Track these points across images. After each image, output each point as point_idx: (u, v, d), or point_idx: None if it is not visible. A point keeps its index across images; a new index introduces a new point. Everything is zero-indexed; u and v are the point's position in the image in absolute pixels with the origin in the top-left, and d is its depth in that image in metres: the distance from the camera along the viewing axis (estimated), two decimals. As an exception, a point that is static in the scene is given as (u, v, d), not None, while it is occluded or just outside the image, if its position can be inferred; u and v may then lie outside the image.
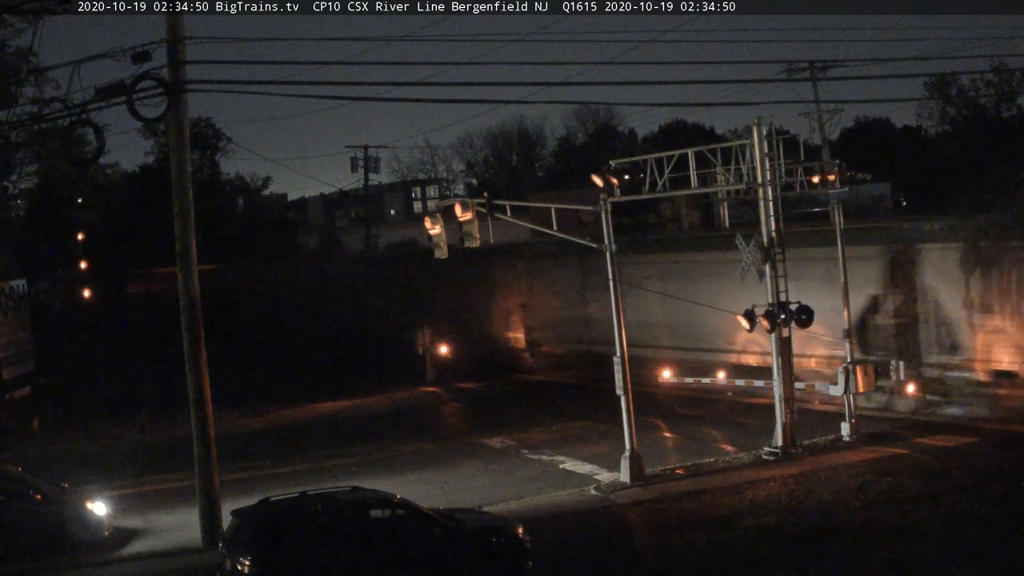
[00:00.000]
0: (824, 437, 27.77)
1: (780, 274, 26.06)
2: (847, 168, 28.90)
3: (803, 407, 29.73)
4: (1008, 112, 74.70)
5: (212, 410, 21.67)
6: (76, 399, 39.95)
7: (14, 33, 37.26)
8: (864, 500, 22.00)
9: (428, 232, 28.75)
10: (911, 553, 18.44)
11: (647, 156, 27.66)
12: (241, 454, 29.42)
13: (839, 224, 28.82)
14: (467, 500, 23.17)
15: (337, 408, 38.87)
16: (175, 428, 32.33)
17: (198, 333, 21.48)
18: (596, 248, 25.67)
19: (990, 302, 30.87)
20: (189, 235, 21.45)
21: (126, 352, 53.04)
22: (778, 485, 23.61)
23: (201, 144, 75.00)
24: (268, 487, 22.98)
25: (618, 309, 25.20)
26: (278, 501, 17.82)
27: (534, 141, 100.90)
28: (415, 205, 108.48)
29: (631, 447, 24.82)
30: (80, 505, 21.91)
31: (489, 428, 32.95)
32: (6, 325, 36.00)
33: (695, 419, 32.54)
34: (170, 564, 20.47)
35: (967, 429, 28.13)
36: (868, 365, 28.42)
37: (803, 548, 19.21)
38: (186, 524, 22.25)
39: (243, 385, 39.78)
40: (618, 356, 25.04)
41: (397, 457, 29.38)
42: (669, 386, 36.52)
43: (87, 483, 24.89)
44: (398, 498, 18.24)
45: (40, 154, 45.96)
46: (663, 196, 34.54)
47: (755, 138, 25.98)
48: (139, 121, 20.83)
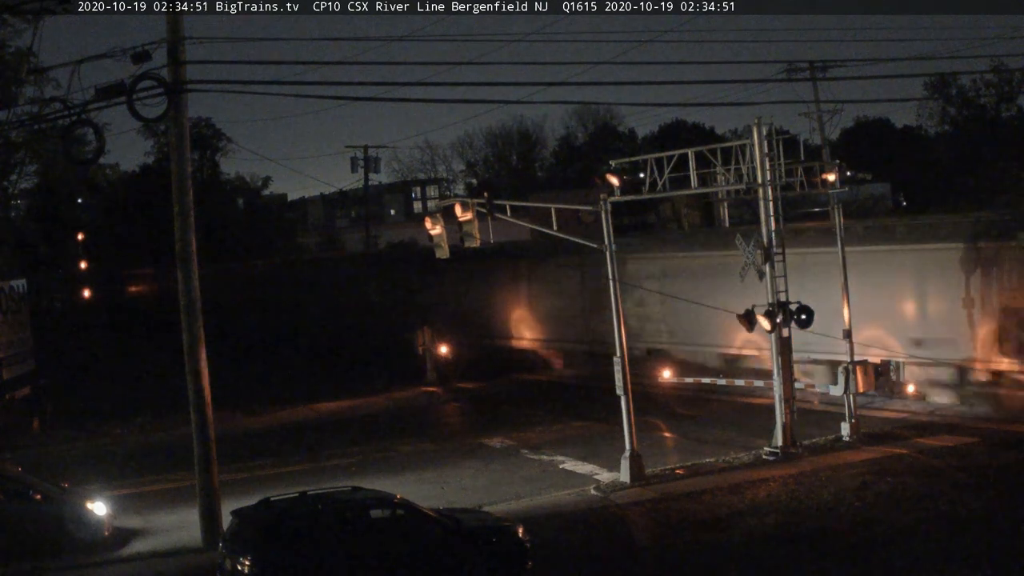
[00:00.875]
0: (824, 437, 27.76)
1: (779, 274, 26.07)
2: (847, 168, 28.87)
3: (803, 407, 29.74)
4: (1008, 112, 74.76)
5: (212, 410, 21.68)
6: (76, 399, 39.97)
7: (14, 33, 37.24)
8: (864, 500, 21.99)
9: (428, 232, 28.72)
10: (911, 553, 18.44)
11: (647, 156, 27.66)
12: (241, 454, 29.40)
13: (839, 224, 28.82)
14: (467, 500, 23.16)
15: (337, 408, 38.85)
16: (175, 428, 32.30)
17: (198, 333, 21.48)
18: (596, 248, 25.67)
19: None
20: (189, 235, 21.44)
21: (126, 352, 53.11)
22: (778, 485, 23.60)
23: (201, 144, 75.12)
24: (268, 487, 22.95)
25: (618, 309, 25.20)
26: (278, 501, 17.82)
27: (534, 141, 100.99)
28: (415, 205, 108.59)
29: (631, 447, 24.82)
30: (80, 505, 21.90)
31: (489, 428, 32.94)
32: (6, 325, 35.96)
33: (695, 419, 32.53)
34: (170, 564, 20.46)
35: (967, 429, 28.10)
36: (868, 365, 28.41)
37: (803, 548, 19.21)
38: (186, 524, 22.24)
39: (243, 385, 39.81)
40: (618, 356, 25.03)
41: (397, 457, 29.37)
42: (669, 386, 36.51)
43: (87, 483, 24.87)
44: (398, 498, 18.24)
45: (40, 154, 45.95)
46: (663, 196, 34.53)
47: (755, 138, 25.98)
48: (139, 121, 20.87)
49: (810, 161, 29.70)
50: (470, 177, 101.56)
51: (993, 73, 67.85)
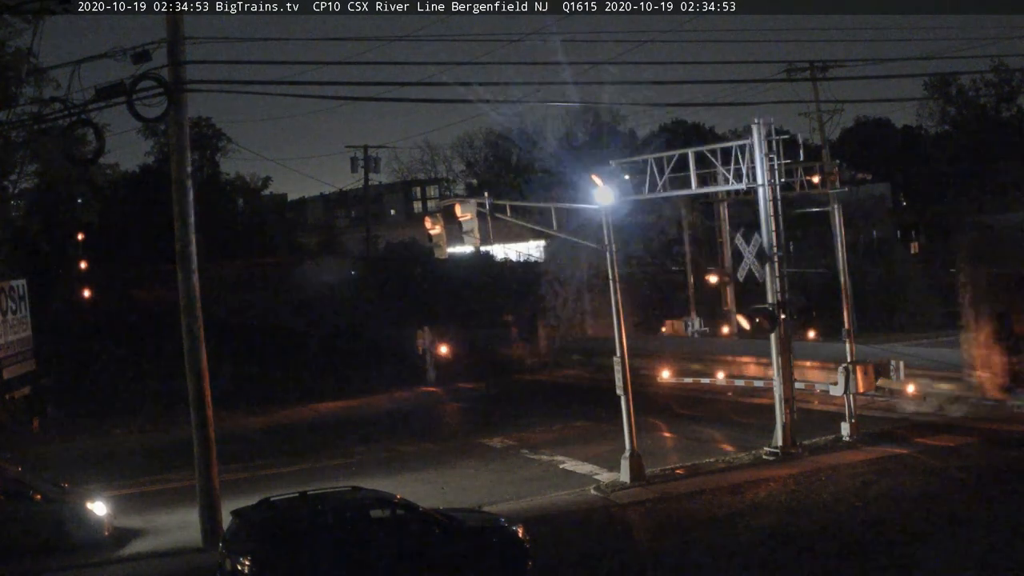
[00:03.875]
0: (824, 437, 27.76)
1: (779, 274, 26.06)
2: (847, 168, 28.89)
3: (803, 407, 29.74)
4: (1008, 112, 74.81)
5: (212, 410, 21.67)
6: (76, 399, 39.97)
7: (14, 33, 37.19)
8: (864, 500, 22.00)
9: (428, 232, 28.74)
10: (911, 553, 18.43)
11: (647, 156, 27.68)
12: (241, 454, 29.41)
13: (839, 224, 28.82)
14: (467, 500, 23.14)
15: (337, 408, 38.87)
16: (175, 428, 32.32)
17: (198, 333, 21.47)
18: (596, 248, 25.66)
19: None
20: (189, 235, 21.43)
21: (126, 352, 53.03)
22: (778, 485, 23.60)
23: (201, 144, 75.05)
24: (268, 487, 22.95)
25: (618, 309, 25.19)
26: (278, 501, 17.80)
27: (534, 141, 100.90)
28: (415, 205, 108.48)
29: (631, 447, 24.81)
30: (80, 505, 21.90)
31: (489, 428, 32.94)
32: (6, 325, 35.99)
33: (695, 419, 32.53)
34: (170, 564, 20.46)
35: (967, 429, 28.12)
36: (868, 365, 28.40)
37: (803, 548, 19.20)
38: (186, 524, 22.23)
39: (244, 385, 39.80)
40: (618, 356, 25.02)
41: (397, 457, 29.37)
42: (669, 386, 36.54)
43: (87, 483, 24.89)
44: (398, 498, 18.23)
45: (40, 154, 45.89)
46: (663, 196, 34.52)
47: (755, 138, 25.98)
48: (139, 121, 20.83)
49: (810, 161, 29.71)
50: (470, 177, 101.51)
51: (993, 73, 67.91)
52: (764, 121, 25.95)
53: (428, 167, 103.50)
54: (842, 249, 28.86)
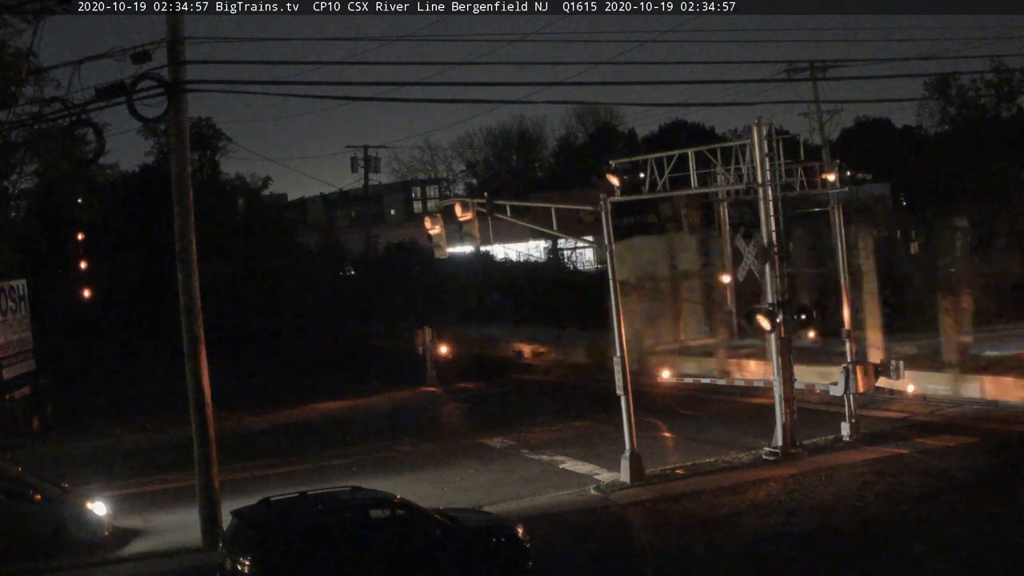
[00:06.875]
0: (824, 437, 27.75)
1: (779, 274, 26.05)
2: (847, 168, 28.88)
3: (803, 407, 29.71)
4: (1008, 112, 74.74)
5: (212, 410, 21.66)
6: (76, 399, 39.96)
7: (14, 33, 37.15)
8: (864, 500, 21.99)
9: (428, 232, 28.73)
10: (911, 553, 18.43)
11: (647, 156, 27.66)
12: (241, 454, 29.39)
13: (839, 224, 28.79)
14: (467, 500, 23.14)
15: (337, 408, 38.85)
16: (175, 428, 32.30)
17: (198, 333, 21.47)
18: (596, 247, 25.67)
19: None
20: (189, 235, 21.42)
21: (126, 352, 53.07)
22: (778, 485, 23.60)
23: (201, 144, 75.14)
24: (268, 487, 22.94)
25: (618, 309, 25.18)
26: (278, 501, 17.80)
27: (534, 141, 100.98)
28: (415, 205, 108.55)
29: (631, 447, 24.81)
30: (80, 505, 21.88)
31: (489, 428, 32.92)
32: (6, 325, 35.97)
33: (695, 419, 32.52)
34: (170, 564, 20.45)
35: (967, 429, 28.12)
36: (868, 365, 28.38)
37: (803, 548, 19.21)
38: (186, 524, 22.21)
39: (244, 385, 39.79)
40: (618, 356, 25.02)
41: (397, 457, 29.36)
42: (668, 386, 36.51)
43: (87, 483, 24.88)
44: (398, 498, 18.23)
45: (40, 154, 45.87)
46: (663, 196, 34.52)
47: (755, 138, 25.97)
48: (139, 121, 20.82)
49: (810, 161, 29.68)
50: (470, 177, 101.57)
51: (993, 73, 67.84)
52: (764, 121, 25.97)
53: (428, 167, 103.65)
54: (842, 249, 28.85)
